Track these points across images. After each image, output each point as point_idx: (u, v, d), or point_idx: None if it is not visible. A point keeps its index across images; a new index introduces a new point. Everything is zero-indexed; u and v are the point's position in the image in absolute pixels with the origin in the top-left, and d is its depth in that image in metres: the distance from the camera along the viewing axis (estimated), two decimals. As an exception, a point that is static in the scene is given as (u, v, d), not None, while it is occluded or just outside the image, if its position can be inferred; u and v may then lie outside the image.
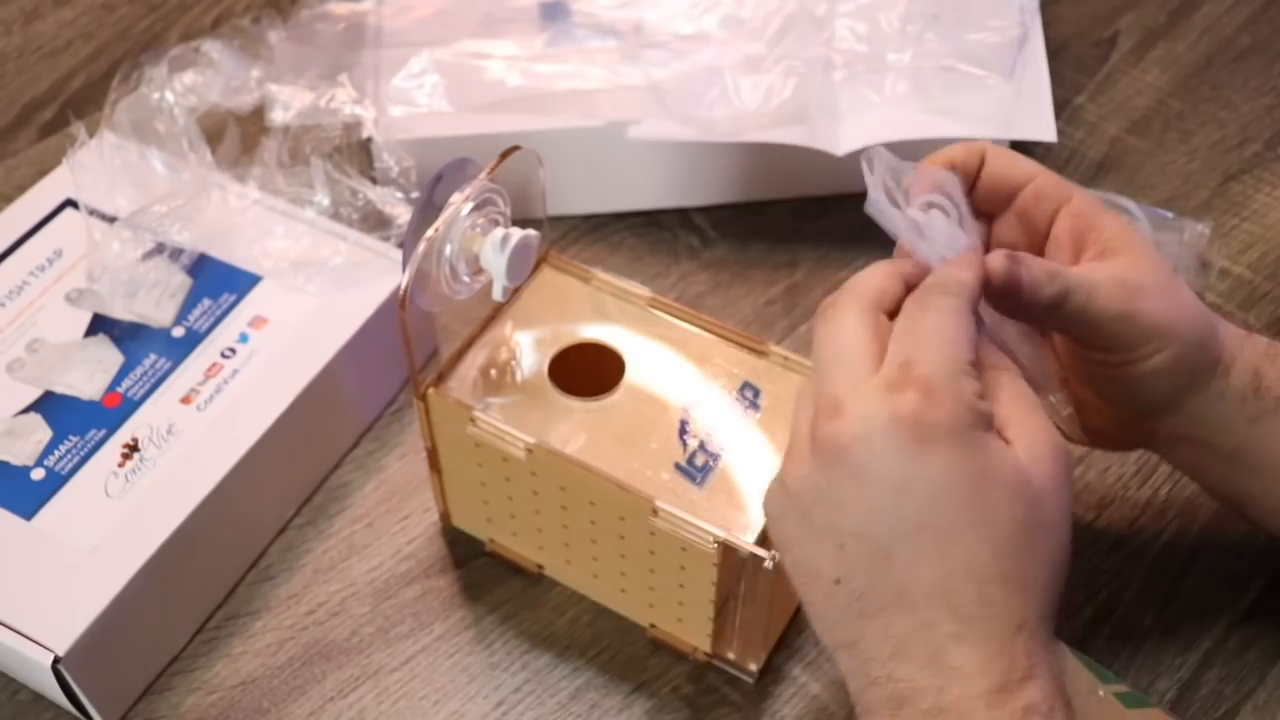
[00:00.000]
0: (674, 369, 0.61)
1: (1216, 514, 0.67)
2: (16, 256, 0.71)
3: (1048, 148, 0.82)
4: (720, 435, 0.58)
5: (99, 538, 0.60)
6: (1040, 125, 0.74)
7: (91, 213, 0.70)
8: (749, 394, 0.60)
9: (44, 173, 0.76)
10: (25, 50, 0.90)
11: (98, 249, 0.68)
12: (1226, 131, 0.84)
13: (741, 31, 0.77)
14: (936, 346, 0.46)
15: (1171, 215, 0.76)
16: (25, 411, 0.65)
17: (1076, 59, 0.88)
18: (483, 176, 0.56)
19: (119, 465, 0.63)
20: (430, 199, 0.56)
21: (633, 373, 0.60)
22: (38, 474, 0.62)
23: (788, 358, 0.60)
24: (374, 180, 0.76)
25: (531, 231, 0.57)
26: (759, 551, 0.54)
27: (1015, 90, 0.75)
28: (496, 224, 0.57)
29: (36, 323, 0.68)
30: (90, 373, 0.66)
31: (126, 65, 0.74)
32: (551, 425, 0.58)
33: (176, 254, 0.69)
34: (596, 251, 0.79)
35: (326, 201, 0.74)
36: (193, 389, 0.65)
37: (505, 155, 0.57)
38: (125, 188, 0.71)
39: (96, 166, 0.71)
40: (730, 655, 0.62)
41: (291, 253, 0.70)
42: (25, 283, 0.69)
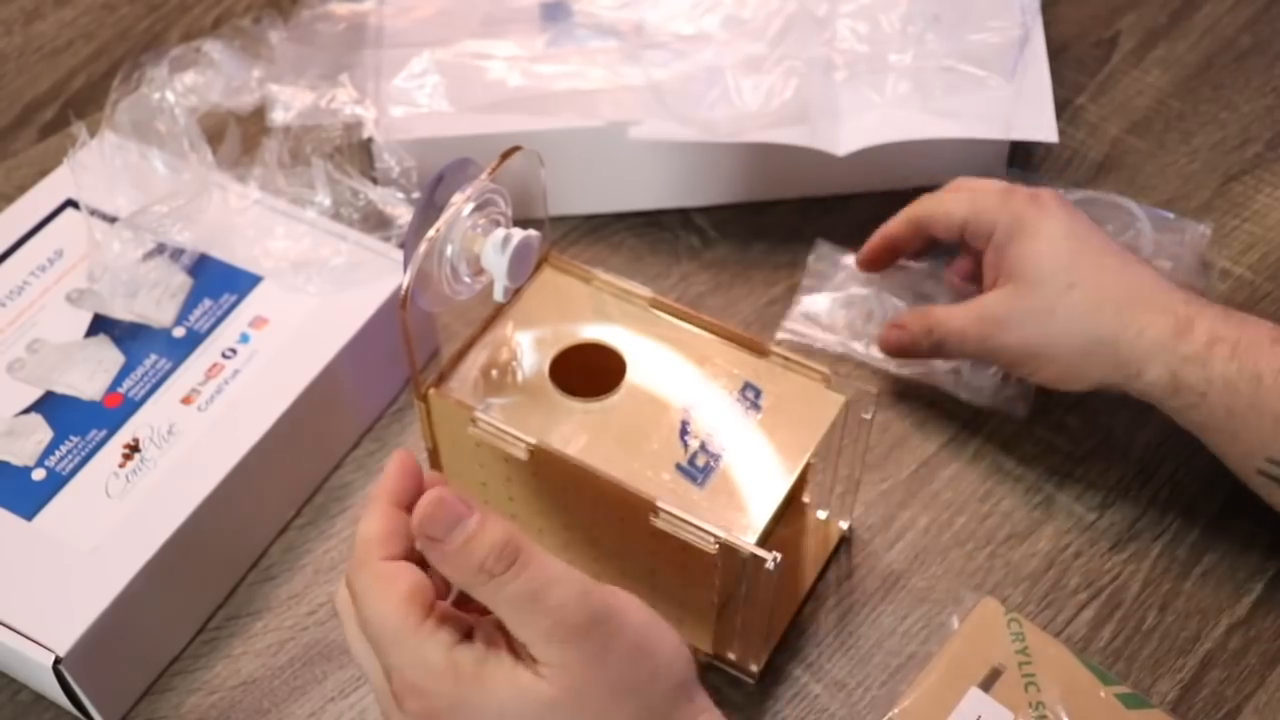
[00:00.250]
0: (675, 369, 0.61)
1: (1217, 515, 0.67)
2: (17, 256, 0.71)
3: (1049, 148, 0.82)
4: (721, 436, 0.58)
5: (100, 538, 0.60)
6: (1041, 125, 0.74)
7: (92, 213, 0.70)
8: (750, 394, 0.60)
9: (45, 173, 0.76)
10: (26, 50, 0.90)
11: (98, 249, 0.68)
12: (1227, 132, 0.84)
13: (742, 32, 0.77)
14: (392, 645, 0.47)
15: (1173, 216, 0.76)
16: (26, 412, 0.65)
17: (1077, 59, 0.88)
18: (484, 177, 0.56)
19: (120, 465, 0.63)
20: (431, 199, 0.56)
21: (634, 373, 0.60)
22: (38, 474, 0.62)
23: (788, 358, 0.60)
24: (375, 180, 0.76)
25: (532, 232, 0.57)
26: (760, 552, 0.54)
27: (1016, 91, 0.75)
28: (498, 224, 0.57)
29: (37, 323, 0.68)
30: (91, 373, 0.66)
31: (127, 65, 0.74)
32: (552, 426, 0.58)
33: (177, 254, 0.69)
34: (597, 252, 0.79)
35: (327, 202, 0.74)
36: (193, 389, 0.65)
37: (506, 156, 0.57)
38: (126, 188, 0.71)
39: (97, 166, 0.71)
40: (731, 656, 0.62)
41: (292, 253, 0.70)
42: (26, 283, 0.69)
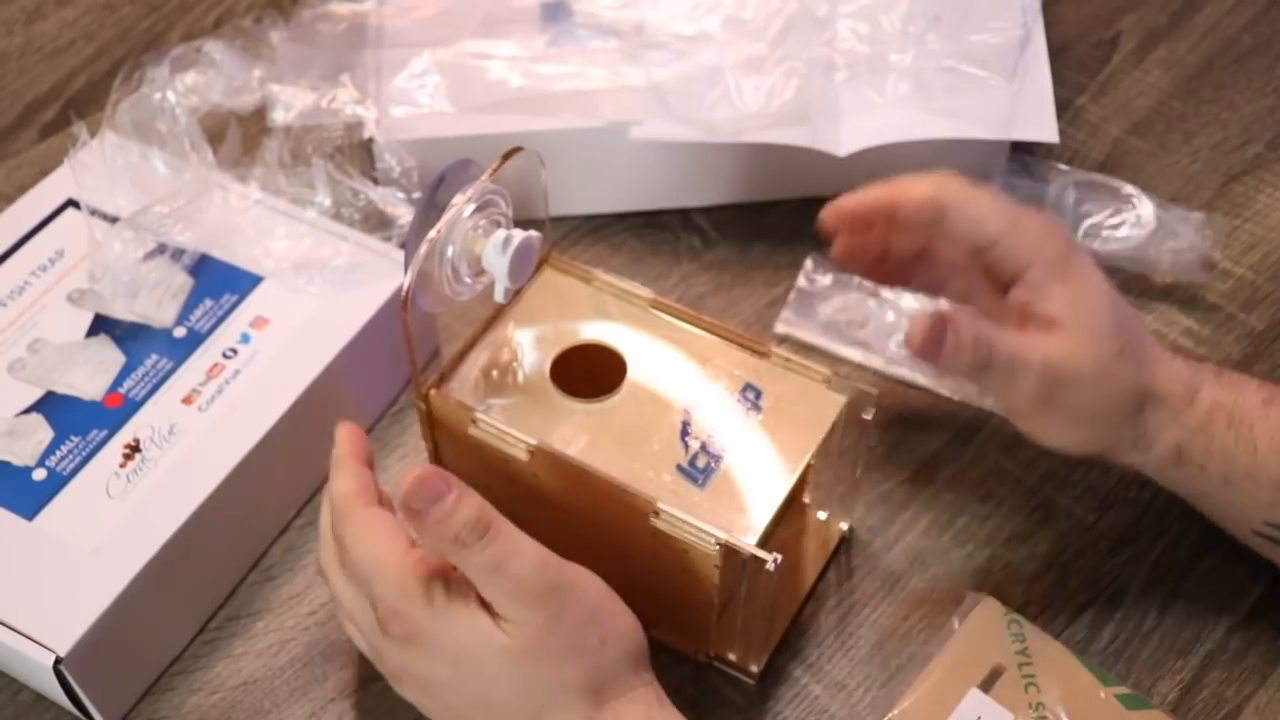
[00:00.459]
0: (675, 370, 0.61)
1: (1218, 515, 0.67)
2: (18, 257, 0.71)
3: (1049, 148, 0.82)
4: (722, 437, 0.58)
5: (100, 538, 0.60)
6: (1042, 126, 0.74)
7: (93, 213, 0.70)
8: (750, 395, 0.60)
9: (45, 173, 0.76)
10: (27, 50, 0.90)
11: (99, 249, 0.68)
12: (1228, 132, 0.84)
13: (743, 32, 0.77)
14: (377, 578, 0.52)
15: (1180, 210, 0.76)
16: (27, 412, 0.65)
17: (1078, 60, 0.88)
18: (485, 178, 0.56)
19: (120, 465, 0.63)
20: (433, 200, 0.56)
21: (634, 374, 0.60)
22: (39, 474, 0.62)
23: (789, 359, 0.60)
24: (375, 181, 0.76)
25: (533, 233, 0.57)
26: (761, 554, 0.54)
27: (1017, 91, 0.75)
28: (498, 225, 0.57)
29: (38, 323, 0.68)
30: (92, 373, 0.66)
31: (128, 65, 0.74)
32: (553, 427, 0.58)
33: (178, 254, 0.69)
34: (598, 252, 0.79)
35: (328, 202, 0.74)
36: (194, 389, 0.65)
37: (507, 156, 0.57)
38: (127, 188, 0.71)
39: (98, 167, 0.71)
40: (731, 656, 0.62)
41: (293, 253, 0.70)
42: (27, 283, 0.69)
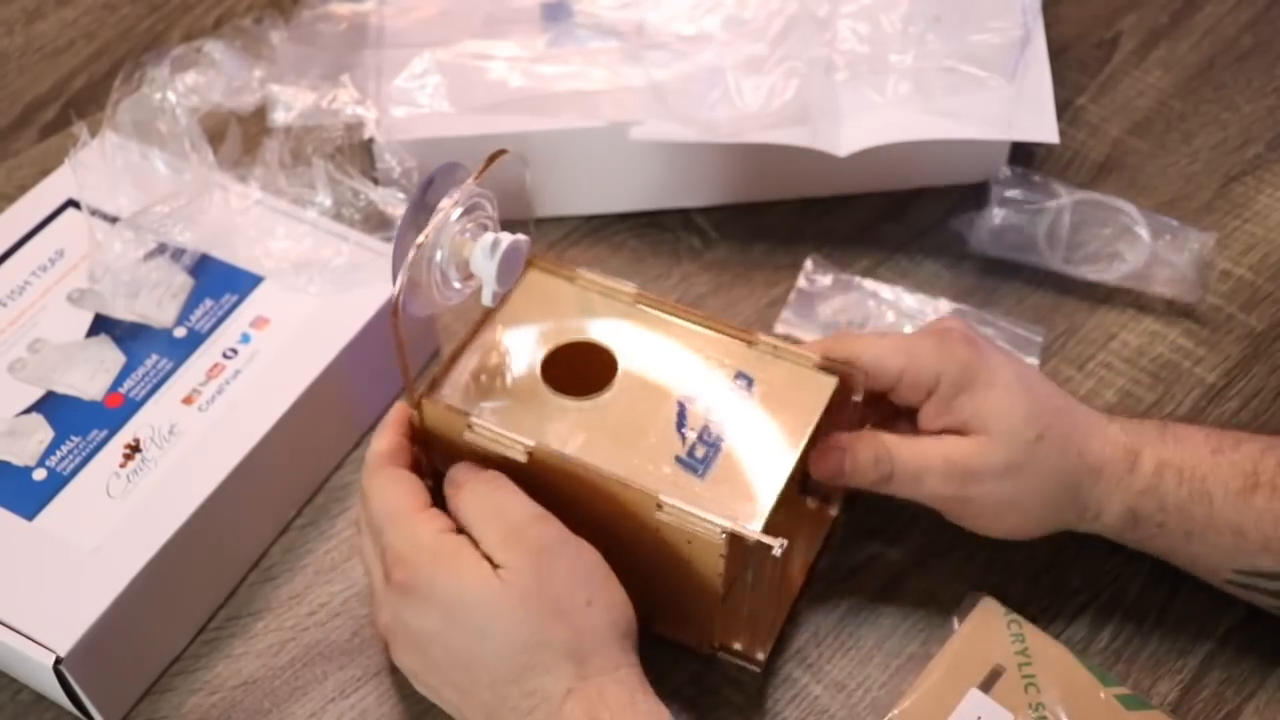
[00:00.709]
0: (666, 363, 0.61)
1: (1218, 516, 0.67)
2: (18, 256, 0.71)
3: (1049, 149, 0.82)
4: (718, 426, 0.58)
5: (101, 538, 0.60)
6: (1042, 126, 0.74)
7: (93, 213, 0.70)
8: (742, 383, 0.60)
9: (46, 173, 0.76)
10: (27, 50, 0.90)
11: (99, 249, 0.68)
12: (1229, 133, 0.84)
13: (743, 32, 0.77)
14: (391, 524, 0.56)
15: (1177, 223, 0.76)
16: (27, 412, 0.65)
17: (1078, 60, 0.88)
18: (470, 181, 0.56)
19: (121, 465, 0.63)
20: (421, 204, 0.55)
21: (625, 369, 0.60)
22: (39, 474, 0.62)
23: (777, 346, 0.60)
24: (376, 181, 0.76)
25: (521, 236, 0.57)
26: (766, 540, 0.54)
27: (1017, 91, 0.75)
28: (485, 228, 0.57)
29: (38, 323, 0.68)
30: (92, 373, 0.66)
31: (128, 65, 0.74)
32: (548, 426, 0.58)
33: (178, 254, 0.69)
34: (598, 252, 0.79)
35: (328, 202, 0.74)
36: (194, 389, 0.65)
37: (493, 159, 0.57)
38: (127, 188, 0.71)
39: (98, 166, 0.71)
40: (737, 646, 0.62)
41: (293, 253, 0.70)
42: (27, 283, 0.69)
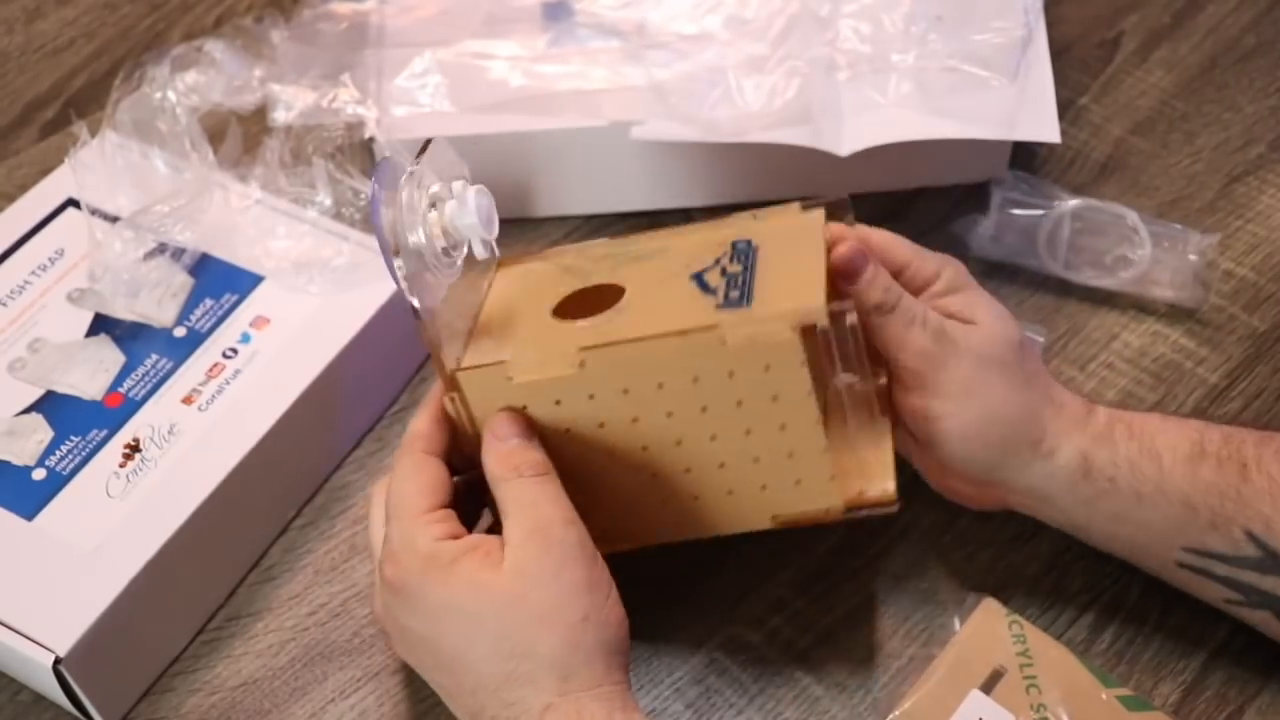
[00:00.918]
0: (665, 266, 0.59)
1: (1220, 517, 0.67)
2: (18, 256, 0.71)
3: (1051, 149, 0.82)
4: (739, 273, 0.56)
5: (100, 538, 0.60)
6: (1044, 126, 0.74)
7: (93, 212, 0.70)
8: (742, 245, 0.59)
9: (46, 172, 0.76)
10: (27, 49, 0.90)
11: (99, 248, 0.68)
12: (1231, 133, 0.84)
13: (745, 32, 0.77)
14: (396, 517, 0.55)
15: (1180, 228, 0.76)
16: (26, 411, 0.64)
17: (1080, 60, 0.88)
18: (410, 169, 0.55)
19: (120, 465, 0.63)
20: (380, 213, 0.54)
21: (631, 287, 0.59)
22: (39, 474, 0.62)
23: (755, 212, 0.60)
24: (376, 180, 0.75)
25: (479, 186, 0.56)
26: (836, 306, 0.53)
27: (1019, 91, 0.75)
28: (442, 198, 0.56)
29: (38, 322, 0.68)
30: (92, 373, 0.66)
31: (129, 64, 0.74)
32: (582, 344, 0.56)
33: (178, 254, 0.69)
34: (599, 252, 0.79)
35: (329, 201, 0.74)
36: (194, 389, 0.65)
37: (425, 146, 0.56)
38: (127, 187, 0.71)
39: (98, 166, 0.71)
40: (862, 490, 0.58)
41: (293, 253, 0.70)
42: (27, 282, 0.69)
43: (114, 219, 0.69)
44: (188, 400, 0.65)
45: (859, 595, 0.65)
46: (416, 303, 0.54)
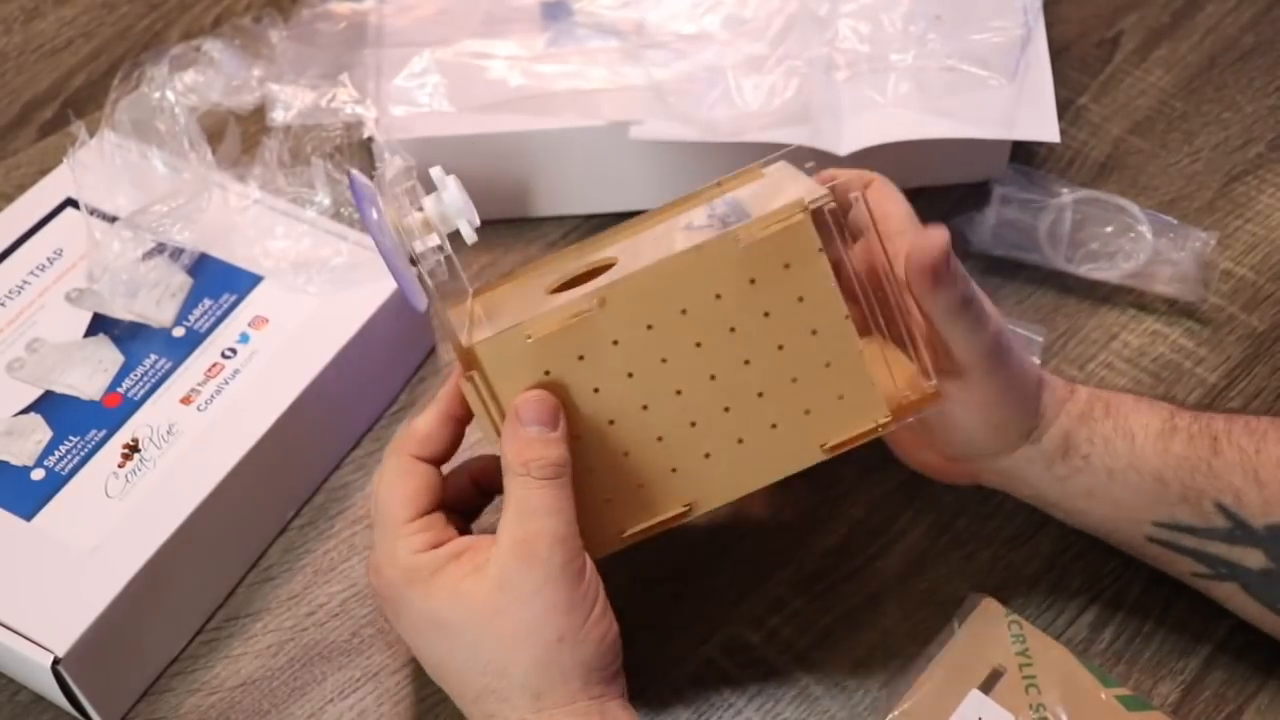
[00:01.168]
0: (650, 232, 0.60)
1: (1219, 516, 0.67)
2: (17, 256, 0.71)
3: (1050, 148, 0.82)
4: (731, 213, 0.56)
5: (99, 538, 0.60)
6: (1043, 126, 0.74)
7: (92, 212, 0.70)
8: (719, 202, 0.58)
9: (44, 172, 0.76)
10: (26, 49, 0.90)
11: (98, 248, 0.68)
12: (1230, 132, 0.84)
13: (744, 31, 0.77)
14: (378, 525, 0.56)
15: (1177, 222, 0.76)
16: (25, 411, 0.64)
17: (1079, 59, 0.88)
18: (375, 183, 0.55)
19: (119, 465, 0.62)
20: (372, 219, 0.54)
21: (625, 255, 0.58)
22: (38, 474, 0.62)
23: (720, 182, 0.61)
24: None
25: (449, 176, 0.56)
26: (838, 182, 0.53)
27: (1018, 91, 0.75)
28: (415, 193, 0.56)
29: (36, 322, 0.68)
30: (90, 373, 0.66)
31: (127, 64, 0.74)
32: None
33: (177, 254, 0.69)
34: (598, 252, 0.79)
35: (327, 201, 0.74)
36: (193, 389, 0.65)
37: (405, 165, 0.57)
38: (126, 187, 0.71)
39: (97, 166, 0.71)
40: (907, 394, 0.56)
41: (292, 253, 0.70)
42: (25, 282, 0.69)
43: (112, 219, 0.69)
44: (186, 400, 0.65)
45: (858, 595, 0.65)
46: (430, 291, 0.54)
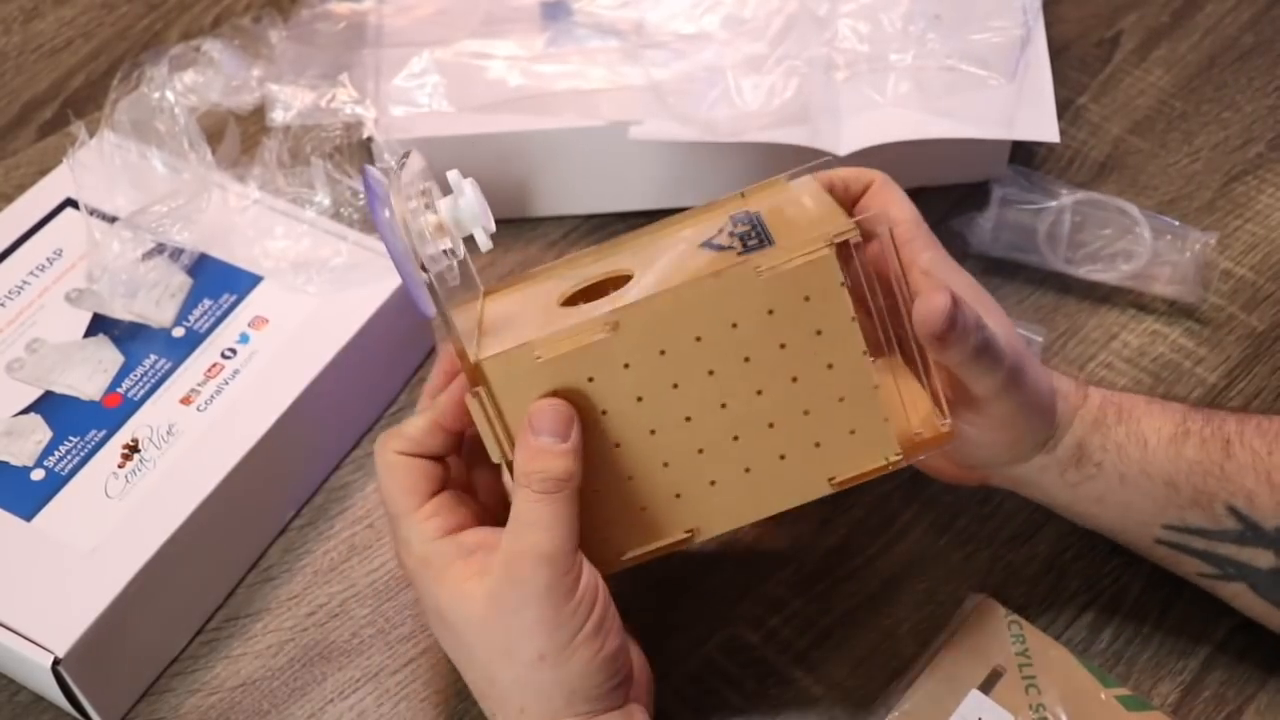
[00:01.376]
0: (668, 245, 0.57)
1: (1219, 516, 0.67)
2: (16, 256, 0.71)
3: (1050, 148, 0.82)
4: (753, 231, 0.54)
5: (99, 538, 0.60)
6: (1043, 125, 0.74)
7: (92, 212, 0.70)
8: (740, 216, 0.56)
9: (44, 172, 0.76)
10: (25, 49, 0.90)
11: (98, 249, 0.68)
12: (1230, 132, 0.84)
13: (743, 31, 0.77)
14: (391, 516, 0.55)
15: (1178, 223, 0.76)
16: (25, 412, 0.64)
17: (1079, 59, 0.88)
18: (391, 182, 0.55)
19: (119, 466, 0.62)
20: (383, 219, 0.54)
21: (640, 270, 0.56)
22: (37, 474, 0.62)
23: (743, 192, 0.59)
24: (374, 180, 0.75)
25: (466, 180, 0.55)
26: (865, 217, 0.51)
27: (1018, 90, 0.75)
28: (429, 195, 0.54)
29: (36, 322, 0.68)
30: (90, 373, 0.66)
31: (127, 64, 0.74)
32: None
33: (176, 254, 0.69)
34: (598, 252, 0.79)
35: (327, 201, 0.74)
36: (193, 389, 0.65)
37: (405, 156, 0.55)
38: (125, 187, 0.71)
39: (97, 166, 0.71)
40: (918, 430, 0.55)
41: (292, 253, 0.70)
42: (25, 282, 0.69)
43: (112, 219, 0.69)
44: (186, 400, 0.65)
45: (858, 595, 0.65)
46: (439, 299, 0.52)
